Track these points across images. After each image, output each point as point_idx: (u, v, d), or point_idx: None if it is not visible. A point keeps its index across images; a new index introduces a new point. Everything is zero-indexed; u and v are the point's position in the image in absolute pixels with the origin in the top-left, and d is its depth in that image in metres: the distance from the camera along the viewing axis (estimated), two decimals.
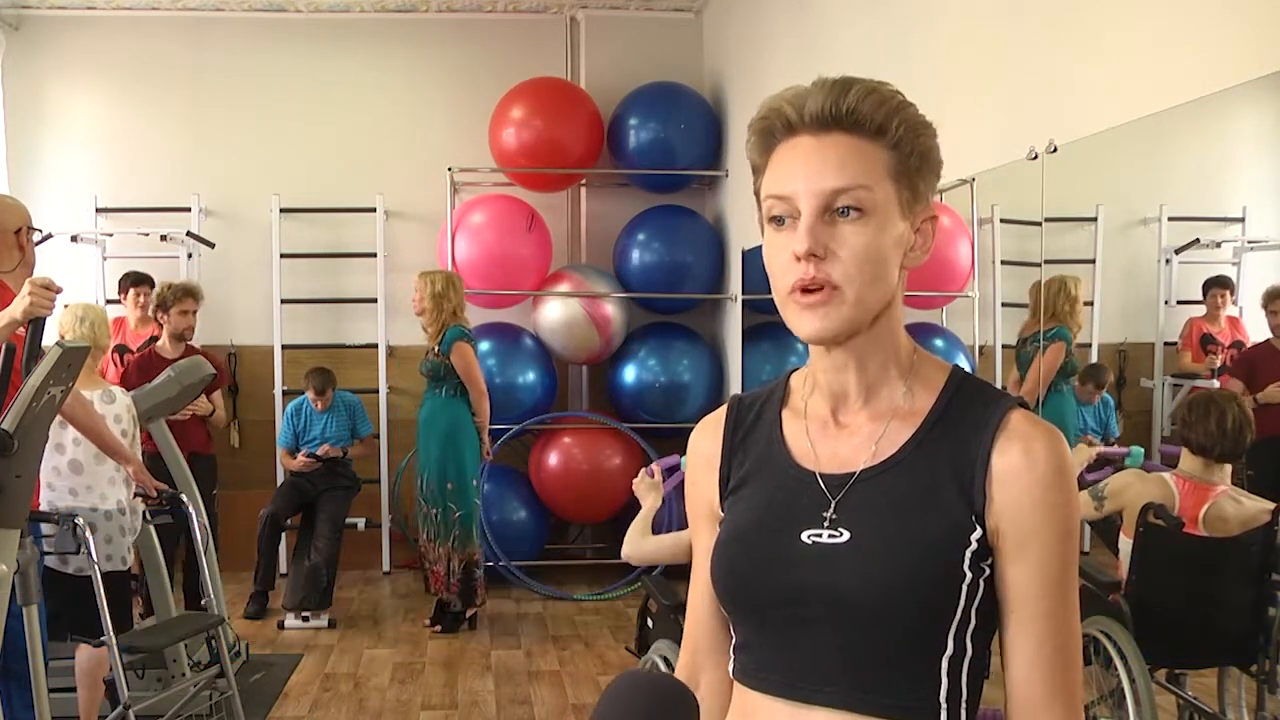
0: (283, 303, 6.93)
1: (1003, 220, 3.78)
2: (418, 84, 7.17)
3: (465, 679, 5.02)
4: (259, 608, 5.96)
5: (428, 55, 7.19)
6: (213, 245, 6.81)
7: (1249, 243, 2.97)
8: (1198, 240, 3.10)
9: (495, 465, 6.42)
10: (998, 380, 3.71)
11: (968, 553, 1.15)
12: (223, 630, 4.23)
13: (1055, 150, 3.02)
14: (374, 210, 6.97)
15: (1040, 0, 3.29)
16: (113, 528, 3.97)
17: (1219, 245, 3.08)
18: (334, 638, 5.64)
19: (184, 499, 4.44)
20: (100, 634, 3.65)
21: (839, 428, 1.24)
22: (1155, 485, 2.89)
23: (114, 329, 5.73)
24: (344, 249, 7.09)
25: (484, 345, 6.43)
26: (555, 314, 6.65)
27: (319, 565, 5.82)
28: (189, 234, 6.80)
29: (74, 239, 6.70)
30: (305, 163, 7.02)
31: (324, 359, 6.65)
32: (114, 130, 7.02)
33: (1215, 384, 3.10)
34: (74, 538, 3.65)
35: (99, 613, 3.61)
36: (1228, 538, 2.79)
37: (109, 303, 6.47)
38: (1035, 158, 3.10)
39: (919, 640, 1.15)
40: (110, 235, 6.87)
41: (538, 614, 6.11)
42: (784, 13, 5.47)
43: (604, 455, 6.64)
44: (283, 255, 6.91)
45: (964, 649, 1.16)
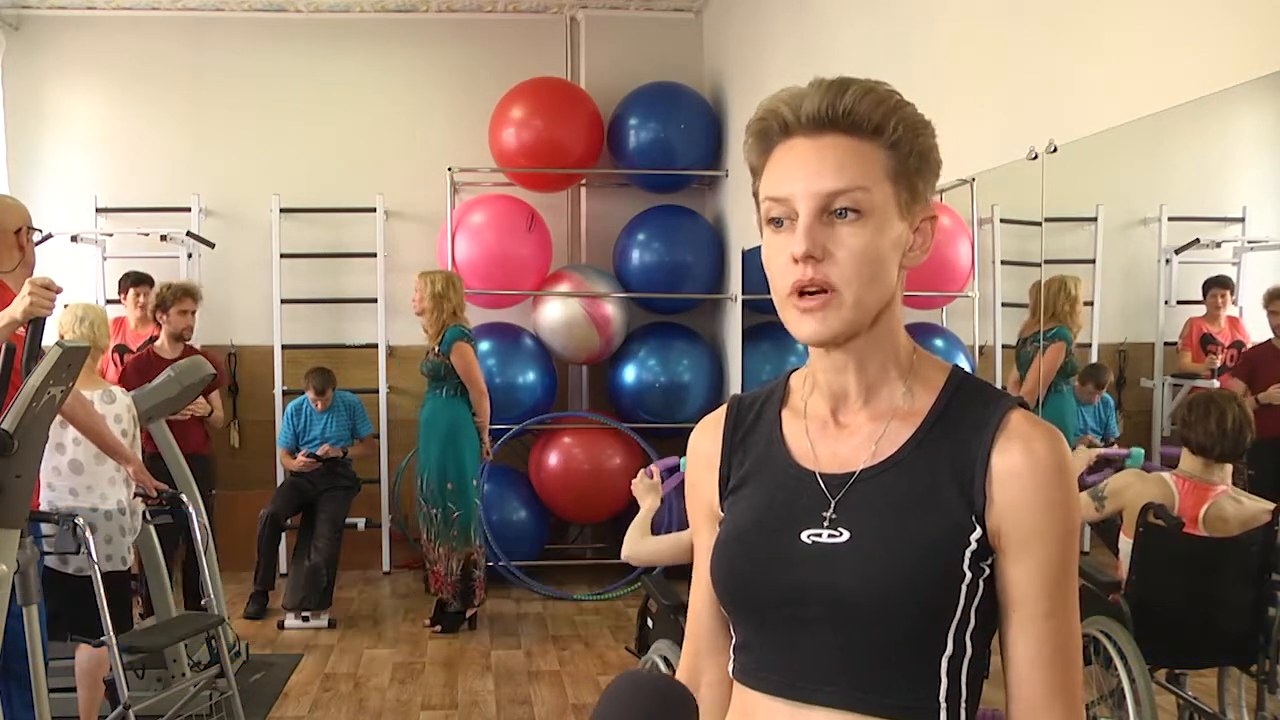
0: (283, 303, 6.93)
1: (1003, 220, 3.78)
2: (418, 84, 7.17)
3: (465, 679, 5.02)
4: (259, 608, 5.96)
5: (428, 55, 7.18)
6: (213, 245, 6.81)
7: (1249, 243, 2.97)
8: (1198, 240, 3.09)
9: (495, 465, 6.42)
10: (998, 380, 3.71)
11: (967, 553, 1.15)
12: (223, 630, 4.23)
13: (1055, 150, 3.02)
14: (374, 210, 6.97)
15: (1040, 0, 3.29)
16: (113, 528, 3.96)
17: (1219, 245, 3.08)
18: (334, 638, 5.64)
19: (184, 499, 4.44)
20: (100, 634, 3.65)
21: (839, 428, 1.24)
22: (1155, 485, 2.89)
23: (114, 329, 5.73)
24: (344, 249, 7.09)
25: (484, 345, 6.43)
26: (555, 314, 6.65)
27: (319, 565, 5.82)
28: (189, 234, 6.80)
29: (74, 239, 6.70)
30: (305, 163, 7.02)
31: (324, 359, 6.64)
32: (114, 130, 7.01)
33: (1215, 384, 3.10)
34: (74, 538, 3.65)
35: (99, 613, 3.61)
36: (1228, 538, 2.79)
37: (109, 303, 6.47)
38: (1035, 158, 3.10)
39: (919, 640, 1.15)
40: (110, 235, 6.87)
41: (538, 614, 6.11)
42: (784, 13, 5.47)
43: (604, 455, 6.63)
44: (283, 255, 6.91)
45: (964, 649, 1.16)
